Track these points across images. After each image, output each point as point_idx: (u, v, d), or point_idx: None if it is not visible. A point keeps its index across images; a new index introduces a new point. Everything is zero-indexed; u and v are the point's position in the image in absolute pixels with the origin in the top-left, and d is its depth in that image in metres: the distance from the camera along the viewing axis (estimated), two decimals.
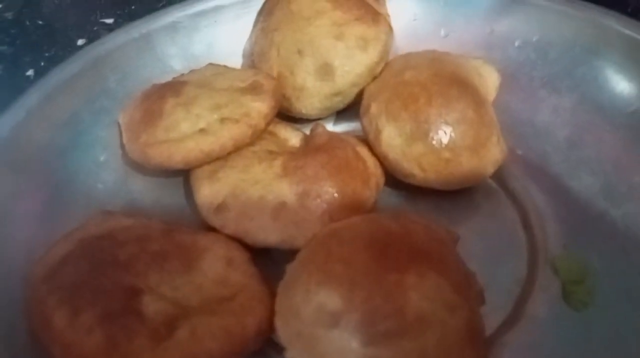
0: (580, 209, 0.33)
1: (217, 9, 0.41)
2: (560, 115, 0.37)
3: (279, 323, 0.23)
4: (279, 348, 0.26)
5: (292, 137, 0.36)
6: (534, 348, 0.28)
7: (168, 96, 0.34)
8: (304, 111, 0.37)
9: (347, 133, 0.38)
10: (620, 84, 0.37)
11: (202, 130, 0.32)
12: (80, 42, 0.44)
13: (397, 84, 0.34)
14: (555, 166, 0.35)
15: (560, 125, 0.37)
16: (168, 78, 0.37)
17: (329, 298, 0.22)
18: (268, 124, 0.33)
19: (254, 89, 0.34)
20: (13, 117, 0.33)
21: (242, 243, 0.30)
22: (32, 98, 0.34)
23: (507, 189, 0.35)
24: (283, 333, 0.23)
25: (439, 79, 0.33)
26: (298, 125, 0.38)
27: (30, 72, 0.42)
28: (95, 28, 0.45)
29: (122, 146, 0.35)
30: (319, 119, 0.38)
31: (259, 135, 0.33)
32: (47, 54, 0.43)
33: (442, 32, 0.42)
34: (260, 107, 0.33)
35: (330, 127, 0.39)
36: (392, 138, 0.33)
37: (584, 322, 0.28)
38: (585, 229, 0.32)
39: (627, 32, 0.37)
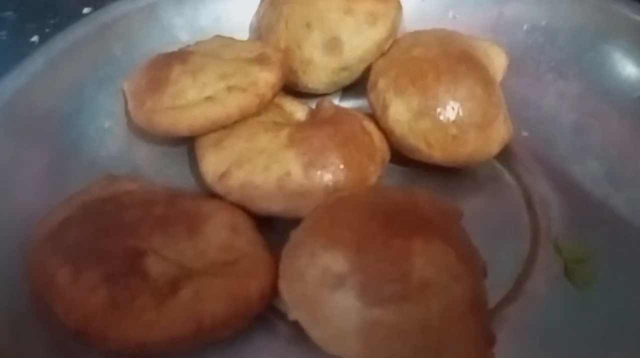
0: (584, 193, 0.33)
1: None
2: (566, 100, 0.37)
3: (283, 285, 0.23)
4: (281, 315, 0.26)
5: (298, 110, 0.36)
6: (534, 323, 0.28)
7: (175, 64, 0.33)
8: (310, 85, 0.37)
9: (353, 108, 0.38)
10: (627, 70, 0.37)
11: (208, 98, 0.31)
12: (85, 10, 0.44)
13: (405, 60, 0.34)
14: (560, 150, 0.35)
15: (566, 110, 0.37)
16: (174, 49, 0.37)
17: (334, 261, 0.22)
18: (275, 95, 0.33)
19: (261, 60, 0.34)
20: (16, 81, 0.33)
21: (245, 211, 0.29)
22: (36, 63, 0.34)
23: (512, 170, 0.35)
24: (287, 295, 0.23)
25: (448, 55, 0.33)
26: (304, 100, 0.38)
27: (34, 39, 0.42)
28: None
29: (127, 114, 0.35)
30: (325, 94, 0.38)
31: (265, 105, 0.33)
32: (51, 21, 0.43)
33: (451, 14, 0.42)
34: (267, 77, 0.33)
35: (336, 103, 0.39)
36: (399, 113, 0.32)
37: (584, 299, 0.29)
38: (588, 213, 0.32)
39: (636, 18, 0.37)
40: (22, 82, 0.33)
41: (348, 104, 0.39)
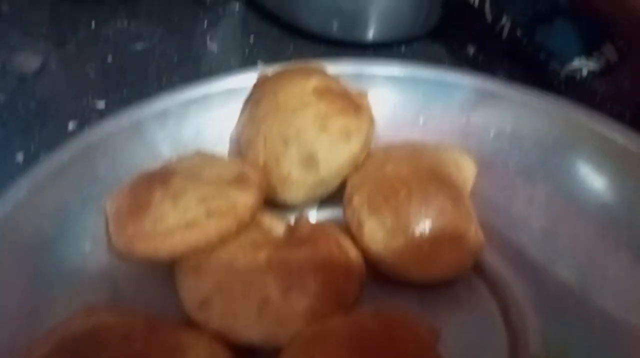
0: (558, 302, 0.34)
1: (206, 96, 0.43)
2: (535, 205, 0.39)
3: None
4: None
5: (276, 226, 0.36)
6: None
7: (156, 187, 0.34)
8: (288, 200, 0.38)
9: (330, 219, 0.39)
10: (590, 176, 0.38)
11: (188, 224, 0.32)
12: (71, 126, 0.45)
13: (378, 177, 0.35)
14: (532, 257, 0.36)
15: (535, 215, 0.38)
16: (156, 163, 0.38)
17: None
18: (253, 217, 0.34)
19: (240, 181, 0.35)
20: (0, 210, 0.33)
21: (225, 339, 0.30)
22: (20, 189, 0.35)
23: (488, 281, 0.35)
24: None
25: (418, 173, 0.35)
26: (282, 211, 0.39)
27: (19, 156, 0.43)
28: (86, 112, 0.46)
29: (108, 235, 0.35)
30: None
31: (244, 228, 0.33)
32: (37, 138, 0.44)
33: (421, 120, 0.44)
34: (246, 201, 0.34)
35: (314, 212, 0.40)
36: (374, 231, 0.34)
37: None
38: (564, 322, 0.33)
39: (595, 127, 0.39)
40: (7, 210, 0.34)
41: (325, 213, 0.40)
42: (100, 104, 0.47)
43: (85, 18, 0.57)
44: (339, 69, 0.44)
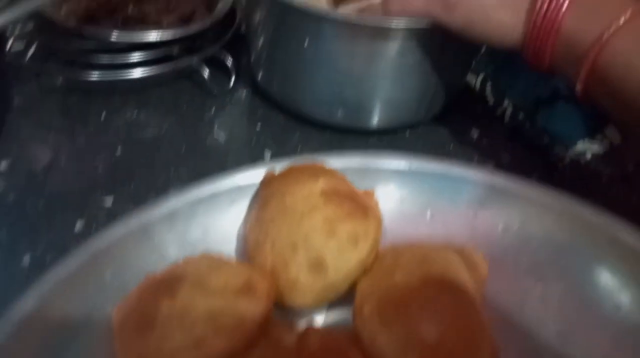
0: None
1: (214, 195, 0.43)
2: (548, 306, 0.38)
3: None
4: None
5: (285, 336, 0.36)
6: None
7: (163, 298, 0.34)
8: (296, 304, 0.37)
9: (339, 323, 0.39)
10: (602, 277, 0.38)
11: (196, 344, 0.32)
12: (78, 225, 0.45)
13: (388, 286, 0.35)
14: None
15: (549, 317, 0.37)
16: (162, 266, 0.38)
17: None
18: (262, 330, 0.34)
19: (248, 290, 0.35)
20: (6, 327, 0.33)
21: None
22: (26, 302, 0.34)
23: None
24: None
25: (429, 282, 0.34)
26: (291, 314, 0.38)
27: (26, 259, 0.42)
28: (93, 210, 0.46)
29: (114, 350, 0.34)
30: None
31: (252, 342, 0.33)
32: (44, 240, 0.44)
33: (428, 215, 0.44)
34: (254, 314, 0.33)
35: (323, 315, 0.40)
36: (385, 345, 0.33)
37: None
38: None
39: (604, 227, 0.38)
40: (12, 327, 0.33)
41: (334, 315, 0.39)
42: (108, 201, 0.48)
43: (96, 109, 0.58)
44: (344, 162, 0.44)
